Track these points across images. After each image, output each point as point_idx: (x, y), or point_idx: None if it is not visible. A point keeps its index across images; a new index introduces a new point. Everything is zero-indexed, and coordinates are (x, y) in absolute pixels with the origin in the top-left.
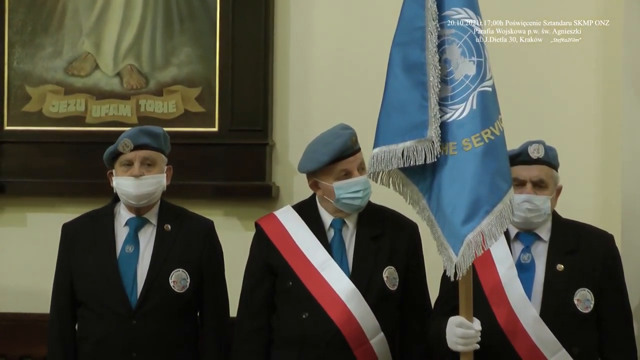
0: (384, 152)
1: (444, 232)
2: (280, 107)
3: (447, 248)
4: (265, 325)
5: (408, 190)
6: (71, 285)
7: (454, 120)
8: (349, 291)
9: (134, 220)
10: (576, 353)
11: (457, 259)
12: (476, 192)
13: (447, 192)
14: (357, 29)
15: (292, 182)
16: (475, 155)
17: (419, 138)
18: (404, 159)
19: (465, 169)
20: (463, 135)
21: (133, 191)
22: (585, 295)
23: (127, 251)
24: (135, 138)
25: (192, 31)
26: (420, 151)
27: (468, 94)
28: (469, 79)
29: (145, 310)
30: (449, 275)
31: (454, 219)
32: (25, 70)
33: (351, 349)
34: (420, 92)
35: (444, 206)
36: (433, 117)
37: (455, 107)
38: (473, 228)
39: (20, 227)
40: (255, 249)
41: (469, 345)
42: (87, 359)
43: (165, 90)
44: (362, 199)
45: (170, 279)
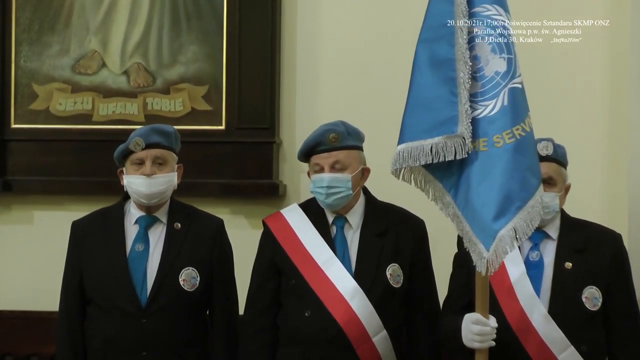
0: (410, 148)
1: (472, 228)
2: (287, 105)
3: (477, 243)
4: (271, 323)
5: (431, 187)
6: (80, 283)
7: (484, 116)
8: (352, 289)
9: (143, 219)
10: (584, 351)
11: (489, 255)
12: (507, 188)
13: (477, 187)
14: (364, 26)
15: (299, 180)
16: (506, 152)
17: (448, 134)
18: (432, 155)
19: (496, 165)
20: (494, 132)
21: (144, 190)
22: (593, 293)
23: (137, 249)
24: (147, 137)
25: (199, 29)
26: (450, 147)
27: (499, 91)
28: (499, 75)
29: (155, 308)
30: (479, 271)
31: (484, 215)
32: (32, 69)
33: (354, 347)
34: (449, 88)
35: (473, 202)
36: (464, 113)
37: (485, 103)
38: (505, 224)
39: (27, 225)
40: (262, 248)
41: (485, 342)
42: (96, 357)
43: (172, 89)
44: (327, 197)
45: (180, 278)
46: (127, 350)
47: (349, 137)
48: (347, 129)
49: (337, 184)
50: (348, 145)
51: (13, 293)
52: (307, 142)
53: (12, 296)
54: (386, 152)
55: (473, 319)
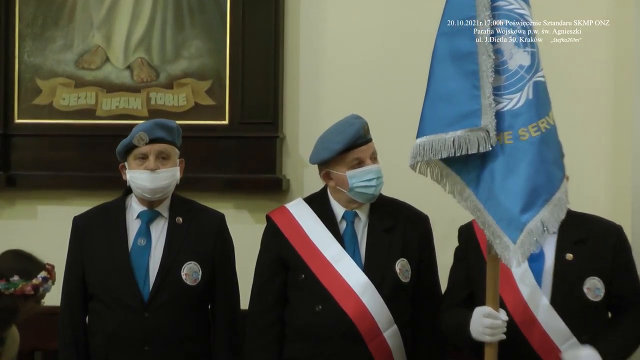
0: (431, 141)
1: (497, 221)
2: (291, 99)
3: (502, 236)
4: (278, 318)
5: (448, 180)
6: (82, 278)
7: (509, 109)
8: (363, 284)
9: (145, 213)
10: (586, 341)
11: (515, 247)
12: (534, 181)
13: (503, 181)
14: (367, 21)
15: (303, 175)
16: (532, 145)
17: (471, 127)
18: (455, 148)
19: (522, 158)
20: (520, 125)
21: (149, 185)
22: (595, 284)
23: (139, 244)
24: (151, 131)
25: (202, 24)
26: (473, 140)
27: (523, 84)
28: (523, 69)
29: (157, 303)
30: (505, 263)
31: (511, 208)
32: (35, 64)
33: (365, 342)
34: (471, 82)
35: (498, 195)
36: (488, 106)
37: (510, 96)
38: (533, 217)
39: (30, 220)
40: (266, 242)
41: (496, 336)
42: (98, 352)
43: (175, 83)
44: (376, 188)
45: (182, 272)
46: (130, 344)
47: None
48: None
49: (380, 174)
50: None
51: None
52: (349, 137)
53: None
54: (390, 146)
55: (484, 312)
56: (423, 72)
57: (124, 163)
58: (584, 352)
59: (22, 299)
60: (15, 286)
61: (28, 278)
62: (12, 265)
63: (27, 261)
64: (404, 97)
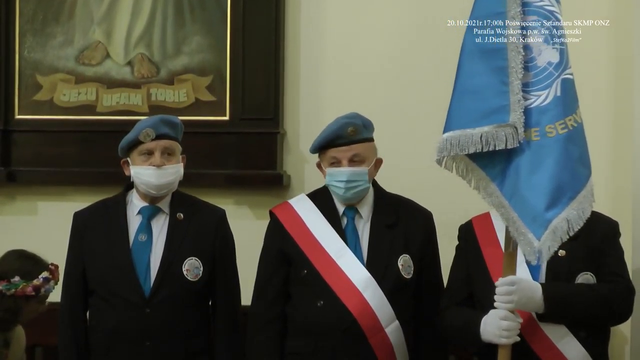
0: (458, 136)
1: (521, 217)
2: (291, 95)
3: (526, 233)
4: (280, 314)
5: (473, 176)
6: (83, 274)
7: (536, 106)
8: (365, 280)
9: (147, 209)
10: (583, 337)
11: (539, 244)
12: (559, 179)
13: (528, 177)
14: (368, 17)
15: (303, 171)
16: (558, 142)
17: (499, 123)
18: (482, 144)
19: (548, 155)
20: (547, 122)
21: (154, 181)
22: (588, 279)
23: (140, 240)
24: (157, 127)
25: (203, 20)
26: (501, 136)
27: (552, 81)
28: (552, 65)
29: (158, 298)
30: (528, 259)
31: (536, 204)
32: (36, 59)
33: (367, 337)
34: (500, 78)
35: (523, 191)
36: (517, 102)
37: (537, 93)
38: (557, 214)
39: (31, 216)
40: (269, 238)
41: (512, 338)
42: (99, 347)
43: (176, 79)
44: (347, 191)
45: (184, 268)
46: (131, 340)
47: (365, 129)
48: (363, 122)
49: (356, 177)
50: (365, 138)
51: None
52: (325, 135)
53: None
54: (391, 143)
55: (501, 315)
56: (424, 69)
57: (127, 159)
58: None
59: (24, 300)
60: (16, 287)
61: (30, 279)
62: (14, 266)
63: (29, 262)
64: (405, 94)
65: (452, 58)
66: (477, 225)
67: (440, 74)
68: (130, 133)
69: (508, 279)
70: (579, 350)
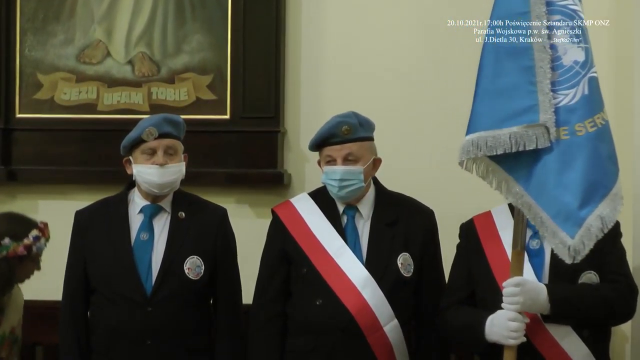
0: (485, 137)
1: (552, 217)
2: (292, 94)
3: (558, 232)
4: (281, 312)
5: (494, 177)
6: (84, 272)
7: (564, 105)
8: (363, 278)
9: (148, 208)
10: (586, 336)
11: (573, 242)
12: (591, 177)
13: (559, 176)
14: (369, 16)
15: (304, 169)
16: (588, 140)
17: (528, 123)
18: (511, 144)
19: (578, 154)
20: (576, 120)
21: (157, 180)
22: (591, 278)
23: (142, 238)
24: (160, 126)
25: (203, 18)
26: (531, 136)
27: (579, 80)
28: (578, 64)
29: (160, 297)
30: (563, 258)
31: (569, 203)
32: (36, 58)
33: (365, 336)
34: (527, 78)
35: (553, 190)
36: (547, 102)
37: (564, 92)
38: (591, 212)
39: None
40: (271, 237)
41: (519, 339)
42: (100, 346)
43: (177, 78)
44: (340, 189)
45: (185, 266)
46: (132, 338)
47: (361, 128)
48: (359, 121)
49: (350, 176)
50: (360, 137)
51: None
52: (320, 134)
53: None
54: (391, 142)
55: (510, 316)
56: (424, 67)
57: (129, 157)
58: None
59: (17, 261)
60: (7, 249)
61: (19, 239)
62: (2, 228)
63: (17, 222)
64: (405, 92)
65: (452, 57)
66: (479, 224)
67: (440, 73)
68: (132, 131)
69: (513, 280)
70: (582, 349)
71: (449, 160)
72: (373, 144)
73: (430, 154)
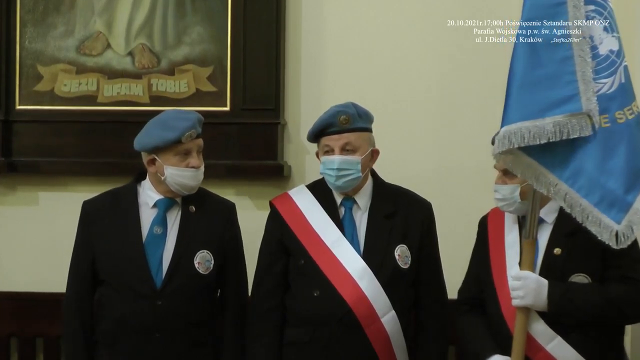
0: (527, 127)
1: (594, 203)
2: (292, 86)
3: (602, 218)
4: (279, 303)
5: (524, 168)
6: (91, 264)
7: (603, 93)
8: (361, 270)
9: (163, 202)
10: (575, 339)
11: (620, 227)
12: (633, 162)
13: (601, 163)
14: (369, 8)
15: (304, 161)
16: (629, 127)
17: (572, 112)
18: (555, 133)
19: (620, 140)
20: (616, 108)
21: (192, 183)
22: (582, 279)
23: (156, 232)
24: (198, 128)
25: (203, 10)
26: (574, 125)
27: (616, 68)
28: (614, 53)
29: (169, 291)
30: (609, 243)
31: (615, 189)
32: (37, 50)
33: (362, 327)
34: (567, 67)
35: (596, 177)
36: (590, 91)
37: (603, 81)
38: (636, 196)
39: (32, 206)
40: (269, 228)
41: None
42: (106, 336)
43: (177, 70)
44: (337, 179)
45: (195, 260)
46: (139, 331)
47: (359, 119)
48: (357, 111)
49: (347, 166)
50: (358, 127)
51: (18, 274)
52: (318, 123)
53: (16, 277)
54: (391, 134)
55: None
56: (425, 60)
57: (154, 157)
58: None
59: None
60: None
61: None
62: None
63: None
64: (406, 85)
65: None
66: (491, 218)
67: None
68: (166, 131)
69: (515, 274)
70: (570, 352)
71: (447, 155)
72: (371, 136)
73: (430, 148)
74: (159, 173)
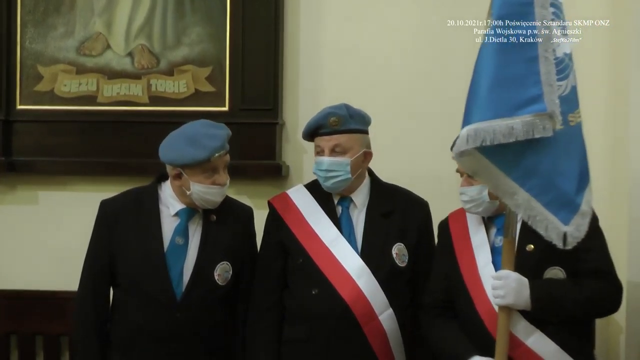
0: (493, 126)
1: (544, 204)
2: (291, 86)
3: (551, 219)
4: (278, 302)
5: (479, 168)
6: (109, 266)
7: (560, 95)
8: (358, 268)
9: (185, 212)
10: (552, 332)
11: (569, 228)
12: (582, 165)
13: (556, 164)
14: (368, 8)
15: (302, 161)
16: (578, 130)
17: (537, 112)
18: (523, 133)
19: (573, 142)
20: (569, 111)
21: (218, 199)
22: (557, 274)
23: (177, 243)
24: (227, 145)
25: (203, 10)
26: (538, 125)
27: (569, 72)
28: (567, 57)
29: (188, 302)
30: (556, 244)
31: (567, 190)
32: (37, 50)
33: (360, 325)
34: (532, 67)
35: (550, 178)
36: (553, 92)
37: (560, 83)
38: (583, 198)
39: (32, 205)
40: (268, 228)
41: None
42: (121, 342)
43: (176, 70)
44: (326, 180)
45: (215, 273)
46: (157, 339)
47: (351, 120)
48: (349, 112)
49: (336, 167)
50: (350, 128)
51: (17, 273)
52: (309, 124)
53: (16, 276)
54: (388, 134)
55: None
56: (422, 60)
57: (180, 170)
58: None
59: None
60: None
61: None
62: None
63: None
64: (403, 85)
65: (452, 53)
66: (452, 221)
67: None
68: (195, 150)
69: (497, 273)
70: (550, 345)
71: (446, 156)
72: (365, 137)
73: (428, 150)
74: (184, 187)
